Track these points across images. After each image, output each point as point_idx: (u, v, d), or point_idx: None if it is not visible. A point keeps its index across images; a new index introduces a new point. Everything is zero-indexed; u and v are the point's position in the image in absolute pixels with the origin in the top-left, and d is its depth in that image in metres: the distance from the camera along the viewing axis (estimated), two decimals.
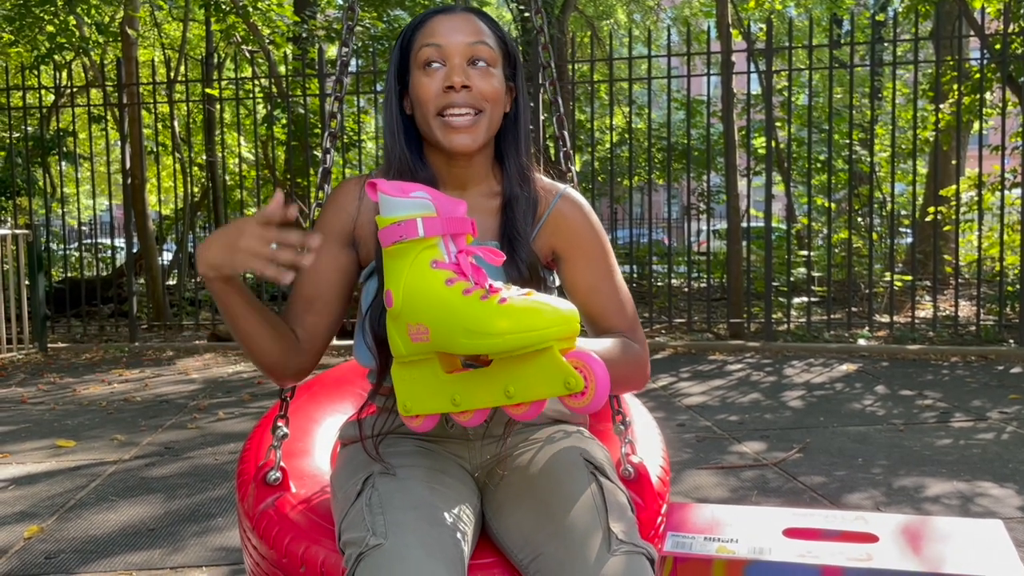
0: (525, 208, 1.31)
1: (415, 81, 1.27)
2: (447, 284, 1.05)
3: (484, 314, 1.00)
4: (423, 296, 1.05)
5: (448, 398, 1.08)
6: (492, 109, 1.26)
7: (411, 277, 1.07)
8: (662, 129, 10.27)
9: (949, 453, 3.33)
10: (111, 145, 7.31)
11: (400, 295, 1.07)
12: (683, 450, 3.45)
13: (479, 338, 1.00)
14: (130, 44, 7.53)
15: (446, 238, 1.08)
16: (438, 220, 1.07)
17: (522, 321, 0.99)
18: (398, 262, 1.08)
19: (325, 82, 6.82)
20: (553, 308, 1.00)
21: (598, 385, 1.01)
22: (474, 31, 1.26)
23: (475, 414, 1.08)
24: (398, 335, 1.09)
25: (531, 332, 0.99)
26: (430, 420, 1.12)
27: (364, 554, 1.05)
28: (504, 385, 1.04)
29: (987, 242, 6.85)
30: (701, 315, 7.14)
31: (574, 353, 1.03)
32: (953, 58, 6.82)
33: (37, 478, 3.22)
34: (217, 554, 2.42)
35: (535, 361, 1.02)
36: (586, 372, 1.01)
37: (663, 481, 1.43)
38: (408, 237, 1.06)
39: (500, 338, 0.99)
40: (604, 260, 1.35)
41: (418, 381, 1.10)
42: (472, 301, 1.02)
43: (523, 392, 1.03)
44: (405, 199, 1.07)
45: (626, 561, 1.06)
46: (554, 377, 1.01)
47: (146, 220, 7.75)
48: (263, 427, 1.60)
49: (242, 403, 4.55)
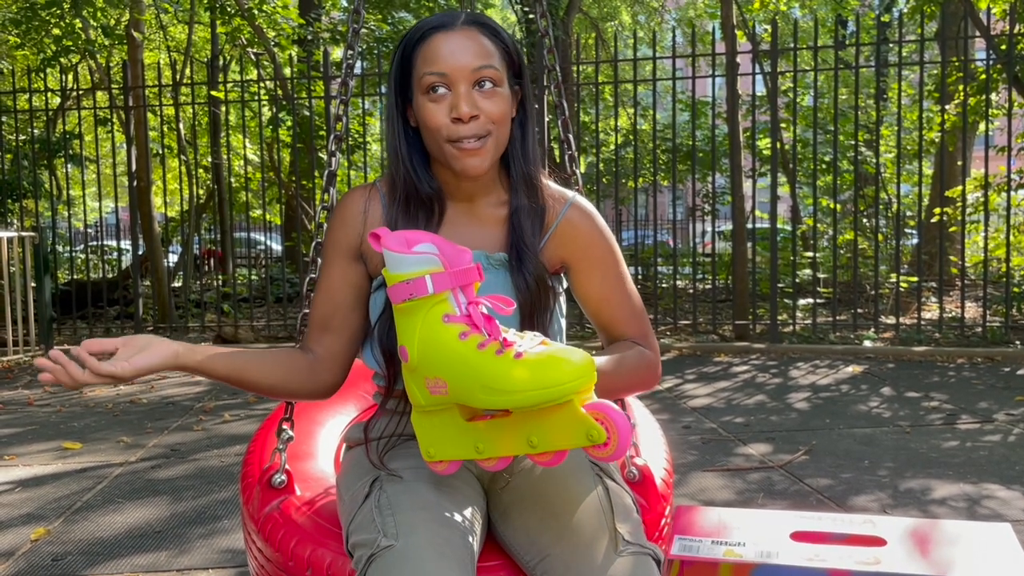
0: (533, 218, 1.30)
1: (420, 105, 1.23)
2: (461, 338, 1.05)
3: (501, 370, 1.01)
4: (438, 352, 1.06)
5: (471, 445, 1.09)
6: (499, 129, 1.24)
7: (424, 333, 1.07)
8: (667, 130, 10.26)
9: (956, 455, 3.32)
10: (117, 147, 7.33)
11: (415, 351, 1.07)
12: (689, 452, 3.45)
13: (497, 395, 1.01)
14: (136, 47, 7.55)
15: (455, 291, 1.08)
16: (446, 275, 1.07)
17: (540, 377, 0.99)
18: (410, 319, 1.08)
19: (330, 84, 6.83)
20: (569, 360, 1.00)
21: (620, 436, 1.02)
22: (478, 52, 1.21)
23: (499, 460, 1.09)
24: (416, 387, 1.09)
25: (550, 388, 0.99)
26: (454, 465, 1.13)
27: (375, 555, 1.05)
28: (527, 435, 1.05)
29: (993, 243, 6.83)
30: (706, 317, 7.13)
31: (593, 405, 1.04)
32: (958, 59, 6.80)
33: (44, 480, 3.23)
34: (223, 556, 2.43)
35: (556, 414, 1.03)
36: (607, 424, 1.02)
37: (667, 483, 1.43)
38: (418, 295, 1.06)
39: (519, 395, 1.00)
40: (615, 268, 1.34)
41: (439, 428, 1.10)
42: (487, 356, 1.02)
43: (545, 443, 1.05)
44: (410, 255, 1.06)
45: (633, 562, 1.06)
46: (576, 430, 1.02)
47: (152, 222, 7.76)
48: (267, 430, 1.60)
49: (248, 405, 4.55)
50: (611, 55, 7.49)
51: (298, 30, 7.77)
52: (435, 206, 1.30)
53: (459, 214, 1.32)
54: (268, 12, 7.41)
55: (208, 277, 9.99)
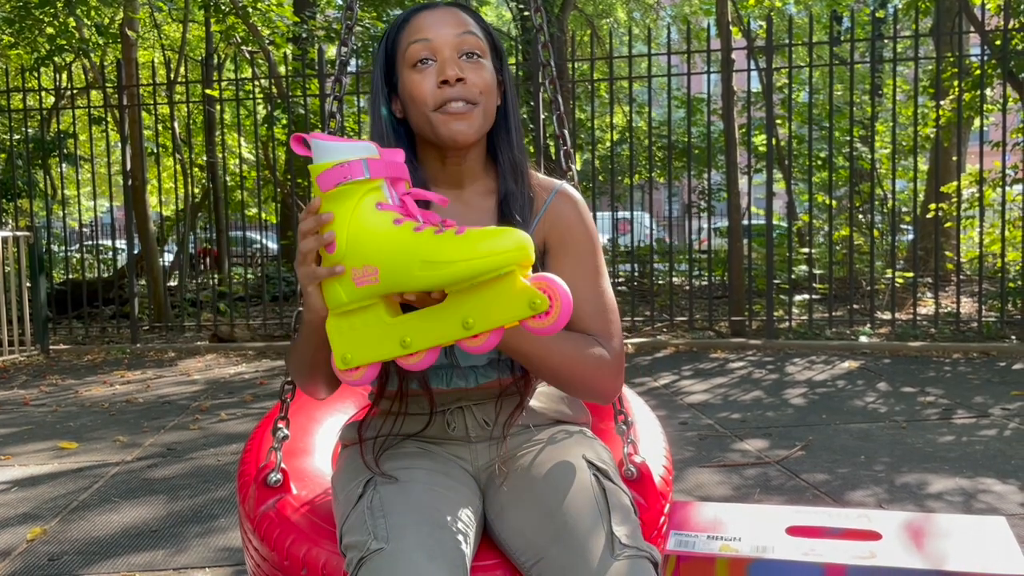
0: (521, 205, 1.29)
1: (407, 80, 1.24)
2: (395, 224, 1.03)
3: (442, 244, 0.99)
4: (371, 237, 1.03)
5: (396, 342, 1.05)
6: (486, 101, 1.24)
7: (356, 219, 1.04)
8: (663, 127, 10.27)
9: (952, 450, 3.33)
10: (111, 147, 7.31)
11: (343, 238, 1.04)
12: (685, 448, 3.45)
13: (439, 268, 0.98)
14: (130, 45, 7.53)
15: (388, 183, 1.06)
16: (382, 162, 1.05)
17: (482, 246, 0.97)
18: (340, 205, 1.05)
19: (325, 82, 6.81)
20: (509, 231, 0.99)
21: (563, 304, 1.00)
22: (460, 22, 1.24)
23: (425, 355, 1.05)
24: (339, 282, 1.06)
25: (494, 256, 0.97)
26: (371, 371, 1.08)
27: (365, 558, 1.04)
28: (462, 317, 1.02)
29: (988, 238, 6.84)
30: (703, 313, 7.13)
31: (535, 276, 1.02)
32: (953, 54, 6.81)
33: (40, 480, 3.22)
34: (220, 555, 2.42)
35: (496, 287, 1.00)
36: (550, 292, 1.00)
37: (666, 481, 1.42)
38: (353, 178, 1.04)
39: (463, 264, 0.97)
40: (590, 260, 1.32)
41: (358, 330, 1.07)
42: (426, 235, 1.01)
43: (483, 321, 1.01)
44: (346, 143, 1.05)
45: (629, 565, 1.05)
46: (518, 300, 1.00)
47: (147, 221, 7.75)
48: (263, 428, 1.60)
49: (244, 404, 4.55)
50: (607, 52, 7.48)
51: (293, 28, 7.74)
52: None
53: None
54: (262, 10, 7.39)
55: (204, 276, 9.97)
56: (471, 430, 1.31)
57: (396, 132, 1.29)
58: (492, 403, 1.31)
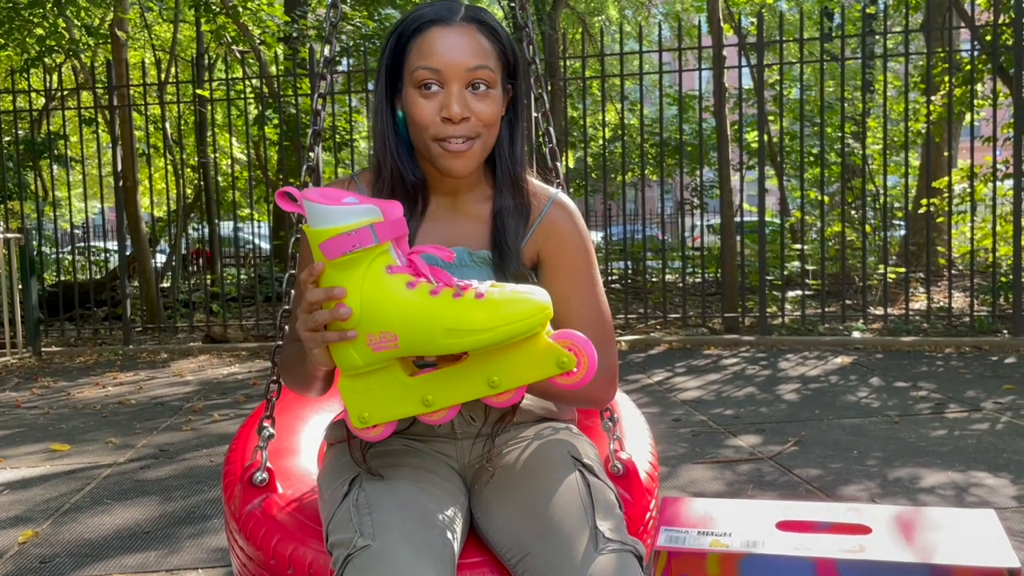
0: (516, 219, 1.29)
1: (410, 98, 1.21)
2: (408, 287, 1.02)
3: (463, 312, 0.99)
4: (387, 304, 1.02)
5: (418, 400, 1.06)
6: (487, 133, 1.23)
7: (368, 286, 1.03)
8: (655, 125, 10.27)
9: (944, 444, 3.33)
10: (103, 148, 7.28)
11: (358, 306, 1.03)
12: (679, 445, 3.45)
13: (463, 336, 0.99)
14: (120, 46, 7.50)
15: (394, 242, 1.06)
16: (387, 224, 1.04)
17: (505, 313, 0.98)
18: (350, 272, 1.03)
19: (316, 82, 6.79)
20: (530, 294, 1.01)
21: (589, 360, 1.02)
22: (475, 51, 1.19)
23: (448, 412, 1.07)
24: (352, 348, 1.05)
25: (519, 323, 0.98)
26: (389, 428, 1.09)
27: (352, 555, 1.04)
28: (487, 376, 1.03)
29: (980, 233, 6.86)
30: (696, 310, 7.14)
31: (559, 334, 1.04)
32: (944, 50, 6.82)
33: (32, 482, 3.21)
34: (213, 555, 2.42)
35: (521, 348, 1.02)
36: (576, 350, 1.03)
37: (652, 477, 1.42)
38: (363, 246, 1.02)
39: (488, 333, 0.98)
40: (585, 271, 1.31)
41: (375, 391, 1.07)
42: (445, 300, 1.00)
43: (510, 380, 1.03)
44: (348, 206, 1.02)
45: (613, 559, 1.05)
46: (545, 360, 1.02)
47: (139, 222, 7.71)
48: (249, 427, 1.59)
49: (237, 404, 4.54)
50: (598, 50, 7.48)
51: (283, 27, 7.73)
52: (419, 197, 1.30)
53: (442, 209, 1.31)
54: (253, 9, 7.37)
55: (197, 277, 9.95)
56: (457, 426, 1.31)
57: (398, 130, 1.28)
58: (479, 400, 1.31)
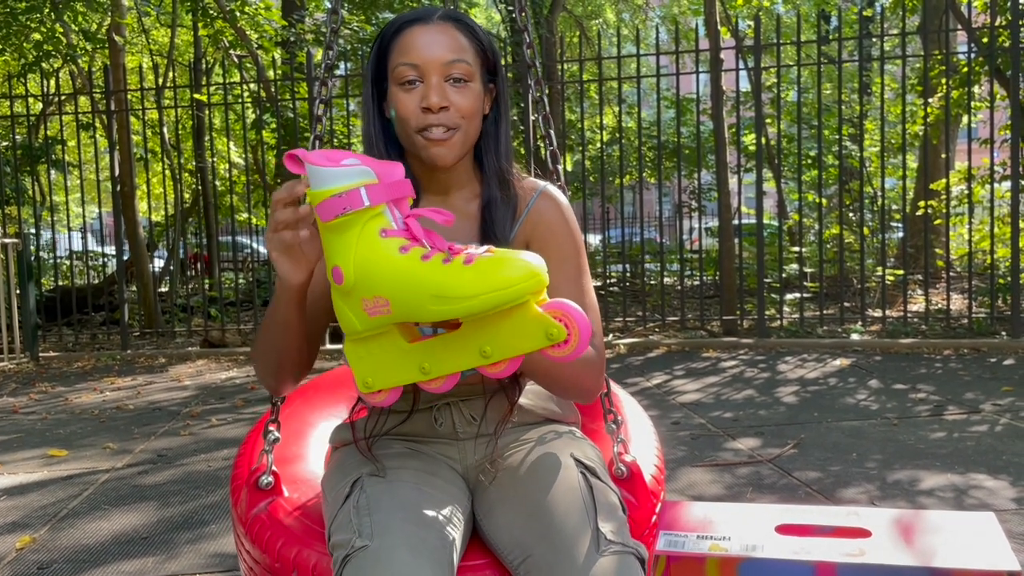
0: (504, 211, 1.31)
1: (394, 95, 1.26)
2: (401, 252, 1.01)
3: (452, 278, 0.97)
4: (378, 268, 1.01)
5: (415, 367, 1.04)
6: (468, 124, 1.26)
7: (361, 249, 1.02)
8: (652, 128, 10.27)
9: (943, 446, 3.34)
10: (100, 152, 7.28)
11: (351, 270, 1.02)
12: (678, 448, 3.45)
13: (451, 303, 0.97)
14: (118, 51, 7.50)
15: (390, 204, 1.05)
16: (382, 187, 1.03)
17: (494, 279, 0.96)
18: (343, 236, 1.03)
19: (314, 86, 6.80)
20: (522, 261, 0.97)
21: (581, 332, 0.99)
22: (452, 47, 1.24)
23: (446, 380, 1.05)
24: (351, 311, 1.04)
25: (506, 289, 0.95)
26: (394, 394, 1.08)
27: (350, 556, 1.05)
28: (479, 346, 1.01)
29: (978, 235, 6.88)
30: (694, 313, 7.14)
31: (550, 304, 1.01)
32: (941, 52, 6.84)
33: (29, 488, 3.20)
34: (211, 561, 2.41)
35: (511, 317, 0.99)
36: (566, 320, 0.99)
37: (657, 480, 1.42)
38: (353, 208, 1.01)
39: (475, 300, 0.95)
40: (573, 260, 1.33)
41: (376, 355, 1.06)
42: (435, 266, 0.99)
43: (501, 350, 1.01)
44: (341, 168, 1.02)
45: (615, 561, 1.05)
46: (534, 330, 0.99)
47: (136, 227, 7.72)
48: (257, 432, 1.60)
49: (235, 409, 4.53)
50: (595, 53, 7.48)
51: (281, 32, 7.73)
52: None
53: (433, 207, 1.33)
54: (250, 14, 7.37)
55: (194, 281, 9.94)
56: (458, 426, 1.31)
57: (385, 134, 1.31)
58: (479, 399, 1.32)
